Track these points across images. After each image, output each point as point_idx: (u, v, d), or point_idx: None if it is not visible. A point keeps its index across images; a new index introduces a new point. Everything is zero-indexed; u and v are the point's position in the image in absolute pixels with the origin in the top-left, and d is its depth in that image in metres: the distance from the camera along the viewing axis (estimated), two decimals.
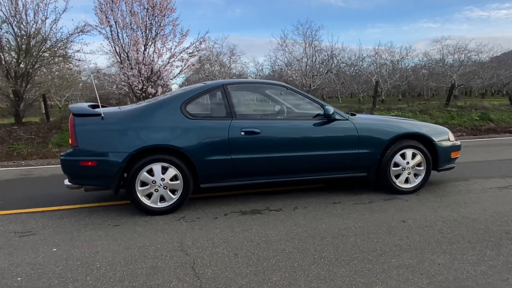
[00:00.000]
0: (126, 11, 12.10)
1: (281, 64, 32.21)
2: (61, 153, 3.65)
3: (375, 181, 4.31)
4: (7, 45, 12.66)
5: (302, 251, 2.87)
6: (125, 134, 3.59)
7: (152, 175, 3.62)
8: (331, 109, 3.94)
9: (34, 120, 14.02)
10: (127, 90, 12.46)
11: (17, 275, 2.58)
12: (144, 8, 12.17)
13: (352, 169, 4.14)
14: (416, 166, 4.25)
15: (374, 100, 16.53)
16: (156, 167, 3.62)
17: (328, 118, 3.99)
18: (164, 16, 12.67)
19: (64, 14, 12.70)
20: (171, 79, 12.64)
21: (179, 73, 12.97)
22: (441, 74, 35.55)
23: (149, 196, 3.66)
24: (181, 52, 13.08)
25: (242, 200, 4.18)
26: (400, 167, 4.20)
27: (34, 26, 12.60)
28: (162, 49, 12.94)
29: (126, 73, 12.08)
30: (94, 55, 15.02)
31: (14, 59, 12.74)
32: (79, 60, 13.92)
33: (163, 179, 3.64)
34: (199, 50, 12.91)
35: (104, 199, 4.36)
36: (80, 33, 13.04)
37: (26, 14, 12.46)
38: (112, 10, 12.05)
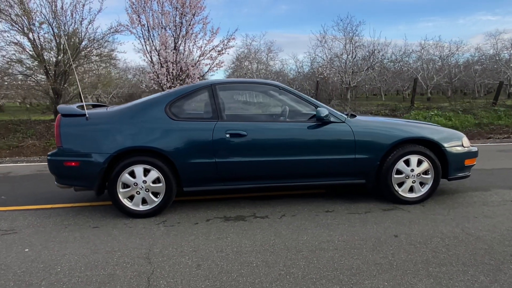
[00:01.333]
0: (158, 10, 12.27)
1: (319, 60, 31.65)
2: (48, 153, 3.68)
3: (376, 189, 3.97)
4: (48, 45, 13.31)
5: (270, 265, 2.66)
6: (107, 135, 3.55)
7: (134, 177, 3.56)
8: (324, 111, 3.66)
9: None
10: (156, 88, 12.66)
11: None
12: (174, 8, 12.28)
13: (349, 176, 3.83)
14: (423, 174, 3.86)
15: (412, 98, 15.68)
16: (138, 169, 3.55)
17: (321, 121, 3.71)
18: (194, 15, 12.72)
19: (99, 14, 13.14)
20: (199, 77, 12.68)
21: (207, 71, 13.02)
22: (494, 70, 33.17)
23: (131, 198, 3.60)
24: (210, 50, 13.11)
25: (232, 204, 4.01)
26: (403, 175, 3.84)
27: (71, 26, 13.14)
28: (193, 47, 13.05)
29: (156, 72, 12.29)
30: (128, 54, 15.52)
31: (53, 58, 13.37)
32: (114, 59, 14.39)
33: (145, 182, 3.56)
34: (227, 48, 12.84)
35: (101, 198, 4.36)
36: (114, 33, 13.44)
37: (64, 15, 13.00)
38: (144, 10, 12.28)
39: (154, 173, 3.57)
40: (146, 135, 3.55)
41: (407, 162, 3.82)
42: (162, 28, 12.17)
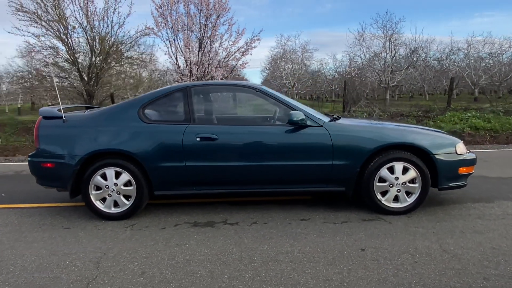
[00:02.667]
0: (185, 13, 12.44)
1: (357, 59, 30.78)
2: (29, 154, 3.79)
3: (357, 197, 3.73)
4: (81, 49, 13.93)
5: (215, 276, 2.56)
6: (81, 137, 3.59)
7: (106, 179, 3.57)
8: (297, 114, 3.47)
9: None
10: None
11: None
12: (199, 10, 12.41)
13: (327, 183, 3.62)
14: (409, 182, 3.56)
15: (448, 98, 14.79)
16: (109, 172, 3.56)
17: (295, 125, 3.53)
18: (219, 16, 12.78)
19: (128, 18, 13.58)
20: (222, 79, 12.73)
21: (231, 73, 13.00)
22: None
23: (103, 200, 3.62)
24: (235, 52, 13.13)
25: (208, 209, 3.93)
26: (387, 183, 3.57)
27: (103, 30, 13.65)
28: (219, 48, 13.13)
29: (181, 73, 12.48)
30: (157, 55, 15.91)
31: (87, 62, 13.98)
32: (143, 61, 14.81)
33: (116, 184, 3.57)
34: (251, 48, 12.77)
35: None
36: (143, 36, 13.82)
37: (98, 20, 13.52)
38: (170, 13, 12.51)
39: (125, 176, 3.57)
40: (117, 138, 3.56)
41: (391, 170, 3.55)
42: (186, 30, 12.34)
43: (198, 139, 3.52)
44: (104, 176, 3.57)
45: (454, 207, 3.82)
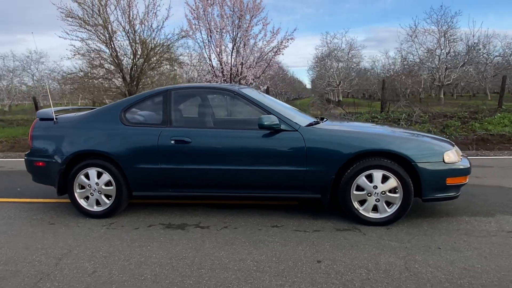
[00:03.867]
0: (218, 14, 12.62)
1: (408, 56, 29.32)
2: (25, 153, 4.07)
3: (333, 205, 3.56)
4: (124, 52, 14.65)
5: (157, 281, 2.58)
6: (67, 138, 3.78)
7: (88, 179, 3.74)
8: (267, 119, 3.37)
9: None
10: None
11: None
12: (232, 10, 12.52)
13: (301, 189, 3.49)
14: (389, 192, 3.34)
15: (500, 98, 13.63)
16: (92, 172, 3.72)
17: (267, 129, 3.44)
18: (252, 16, 12.81)
19: (166, 21, 14.04)
20: (254, 79, 12.73)
21: (262, 73, 12.97)
22: None
23: (87, 199, 3.79)
24: (269, 52, 13.09)
25: (187, 211, 3.95)
26: (365, 192, 3.37)
27: (144, 33, 14.25)
28: (254, 47, 13.17)
29: (214, 74, 12.69)
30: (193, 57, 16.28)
31: (129, 64, 14.68)
32: (182, 62, 15.26)
33: (97, 184, 3.72)
34: (283, 47, 12.64)
35: None
36: (181, 38, 14.24)
37: (141, 23, 14.14)
38: (205, 15, 12.76)
39: (106, 176, 3.71)
40: (99, 139, 3.70)
41: (370, 178, 3.34)
42: (219, 31, 12.51)
43: (172, 142, 3.57)
44: (87, 176, 3.74)
45: (444, 220, 3.51)
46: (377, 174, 3.32)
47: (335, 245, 3.05)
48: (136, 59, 14.68)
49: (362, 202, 3.41)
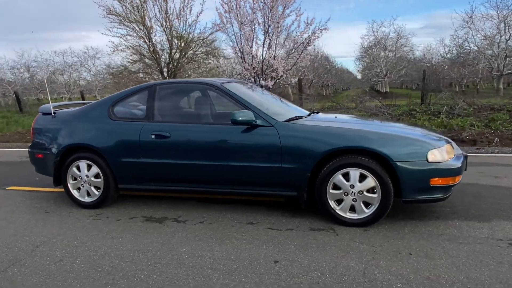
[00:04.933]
0: (248, 7, 12.56)
1: (464, 44, 27.38)
2: (28, 145, 4.34)
3: (310, 204, 3.43)
4: (161, 46, 15.10)
5: (111, 273, 2.65)
6: (62, 132, 3.98)
7: (80, 171, 3.91)
8: (240, 114, 3.30)
9: None
10: None
11: None
12: (263, 2, 12.40)
13: (278, 186, 3.40)
14: (366, 192, 3.15)
15: None
16: (82, 164, 3.89)
17: (239, 124, 3.38)
18: (285, 7, 12.62)
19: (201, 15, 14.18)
20: (286, 71, 12.53)
21: (294, 65, 12.73)
22: None
23: (79, 190, 3.98)
24: (301, 43, 12.82)
25: (172, 205, 3.98)
26: (341, 191, 3.21)
27: (180, 28, 14.59)
28: (286, 41, 13.00)
29: (243, 67, 12.69)
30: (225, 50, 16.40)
31: (166, 58, 15.12)
32: (216, 55, 15.41)
33: (87, 176, 3.89)
34: (315, 38, 12.31)
35: None
36: (216, 32, 14.39)
37: (176, 19, 14.49)
38: (236, 8, 12.76)
39: (95, 169, 3.86)
40: (88, 133, 3.86)
41: (347, 176, 3.17)
42: (251, 23, 12.44)
43: (153, 136, 3.62)
44: (78, 168, 3.92)
45: (431, 224, 3.25)
46: (354, 173, 3.14)
47: (301, 246, 2.94)
48: (173, 53, 15.08)
49: (339, 202, 3.25)
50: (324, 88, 46.48)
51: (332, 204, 3.26)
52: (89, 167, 3.88)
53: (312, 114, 4.05)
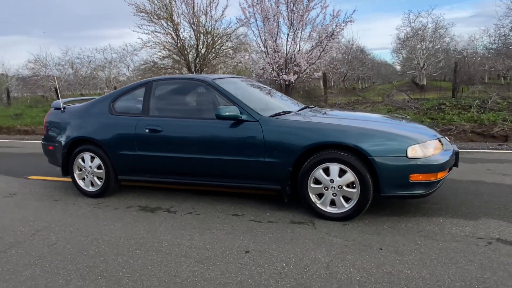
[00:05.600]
0: (275, 0, 12.54)
1: (509, 33, 25.79)
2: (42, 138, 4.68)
3: (295, 198, 3.48)
4: (189, 42, 15.42)
5: (93, 256, 2.86)
6: (69, 126, 4.27)
7: (84, 162, 4.18)
8: (225, 109, 3.40)
9: None
10: (265, 78, 13.07)
11: None
12: None
13: (262, 180, 3.48)
14: (346, 186, 3.17)
15: None
16: (86, 156, 4.16)
17: (223, 119, 3.48)
18: (309, 0, 12.51)
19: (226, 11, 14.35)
20: (309, 65, 12.43)
21: (318, 58, 12.59)
22: None
23: (84, 180, 4.26)
24: (325, 37, 12.67)
25: (166, 196, 4.17)
26: (322, 185, 3.24)
27: (206, 24, 14.85)
28: (312, 33, 12.89)
29: (269, 62, 12.73)
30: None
31: (193, 54, 15.44)
32: (241, 50, 15.53)
33: (90, 167, 4.15)
34: (338, 31, 12.12)
35: None
36: (241, 26, 14.51)
37: (202, 15, 14.75)
38: (260, 2, 12.79)
39: (97, 160, 4.11)
40: (91, 127, 4.12)
41: (327, 171, 3.20)
42: (274, 17, 12.44)
43: (147, 130, 3.81)
44: (83, 159, 4.19)
45: (413, 220, 3.22)
46: (334, 168, 3.17)
47: (276, 238, 3.02)
48: (200, 49, 15.37)
49: (320, 196, 3.29)
50: (360, 82, 45.45)
51: (313, 198, 3.30)
52: (92, 158, 4.14)
53: (305, 109, 4.09)
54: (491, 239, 2.81)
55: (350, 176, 3.13)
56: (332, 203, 3.26)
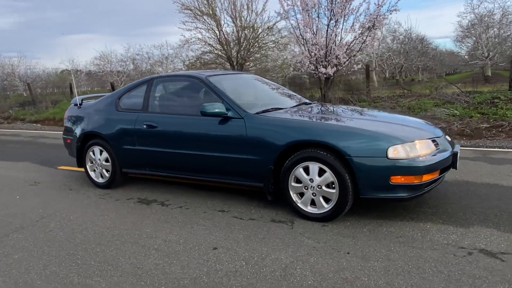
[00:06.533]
0: None
1: None
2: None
3: (276, 195, 3.43)
4: (232, 37, 15.61)
5: (78, 243, 3.07)
6: (83, 121, 4.57)
7: (94, 155, 4.46)
8: (210, 106, 3.42)
9: None
10: (302, 71, 12.82)
11: None
12: None
13: (245, 177, 3.48)
14: (325, 186, 3.07)
15: None
16: (96, 149, 4.43)
17: (208, 116, 3.51)
18: None
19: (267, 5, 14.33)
20: (348, 59, 11.98)
21: (359, 50, 12.10)
22: None
23: (94, 171, 4.54)
24: (367, 28, 12.16)
25: (166, 189, 4.32)
26: (302, 184, 3.17)
27: (248, 18, 14.95)
28: (355, 25, 12.46)
29: (307, 55, 12.51)
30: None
31: (235, 50, 15.61)
32: (284, 44, 15.38)
33: (99, 160, 4.42)
34: (382, 20, 11.52)
35: None
36: (281, 20, 14.41)
37: (245, 10, 14.86)
38: None
39: (105, 154, 4.37)
40: (99, 122, 4.37)
41: (307, 170, 3.13)
42: (313, 8, 12.16)
43: (144, 126, 3.97)
44: (93, 152, 4.47)
45: (397, 225, 3.04)
46: (313, 167, 3.09)
47: (249, 236, 3.02)
48: (242, 43, 15.50)
49: (301, 195, 3.22)
50: (420, 73, 42.98)
51: (294, 197, 3.24)
52: (101, 152, 4.40)
53: (300, 105, 4.00)
54: (473, 250, 2.58)
55: (329, 176, 3.03)
56: (313, 203, 3.18)
